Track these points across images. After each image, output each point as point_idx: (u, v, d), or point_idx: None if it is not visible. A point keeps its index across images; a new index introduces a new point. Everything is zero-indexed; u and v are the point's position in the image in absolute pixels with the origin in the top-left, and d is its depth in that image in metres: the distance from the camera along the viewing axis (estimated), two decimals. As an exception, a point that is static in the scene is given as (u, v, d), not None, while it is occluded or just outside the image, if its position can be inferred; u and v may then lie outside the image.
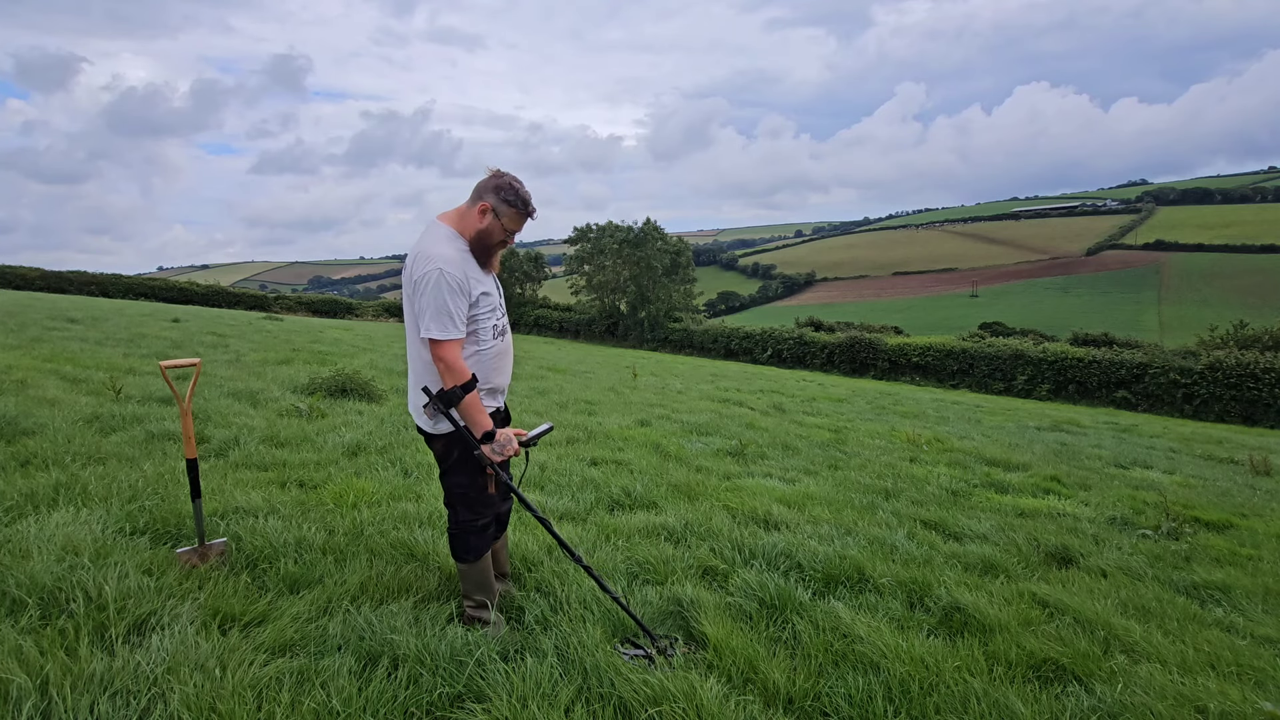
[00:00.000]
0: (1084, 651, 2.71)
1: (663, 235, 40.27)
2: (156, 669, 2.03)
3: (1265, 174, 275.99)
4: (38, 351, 8.14)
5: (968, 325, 44.39)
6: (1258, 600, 3.54)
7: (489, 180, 2.45)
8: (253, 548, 3.01)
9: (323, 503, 3.75)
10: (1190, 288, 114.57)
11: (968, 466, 6.81)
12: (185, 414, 2.85)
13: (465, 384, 2.33)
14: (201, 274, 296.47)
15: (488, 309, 2.48)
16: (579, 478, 4.82)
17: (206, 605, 2.46)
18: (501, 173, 2.48)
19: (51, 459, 3.89)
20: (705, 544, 3.67)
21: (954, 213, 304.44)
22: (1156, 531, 4.74)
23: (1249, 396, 19.40)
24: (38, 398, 5.47)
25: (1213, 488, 6.84)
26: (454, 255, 2.37)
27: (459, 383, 2.32)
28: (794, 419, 9.69)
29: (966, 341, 26.18)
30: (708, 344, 34.78)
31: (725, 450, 6.56)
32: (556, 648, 2.43)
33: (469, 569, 2.59)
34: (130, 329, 12.32)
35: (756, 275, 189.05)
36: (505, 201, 2.43)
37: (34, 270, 34.10)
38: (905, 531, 4.20)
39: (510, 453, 2.40)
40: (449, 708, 2.12)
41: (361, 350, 13.42)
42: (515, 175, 2.49)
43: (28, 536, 2.80)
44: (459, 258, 2.38)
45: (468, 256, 2.44)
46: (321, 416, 6.04)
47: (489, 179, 2.46)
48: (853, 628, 2.73)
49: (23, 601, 2.34)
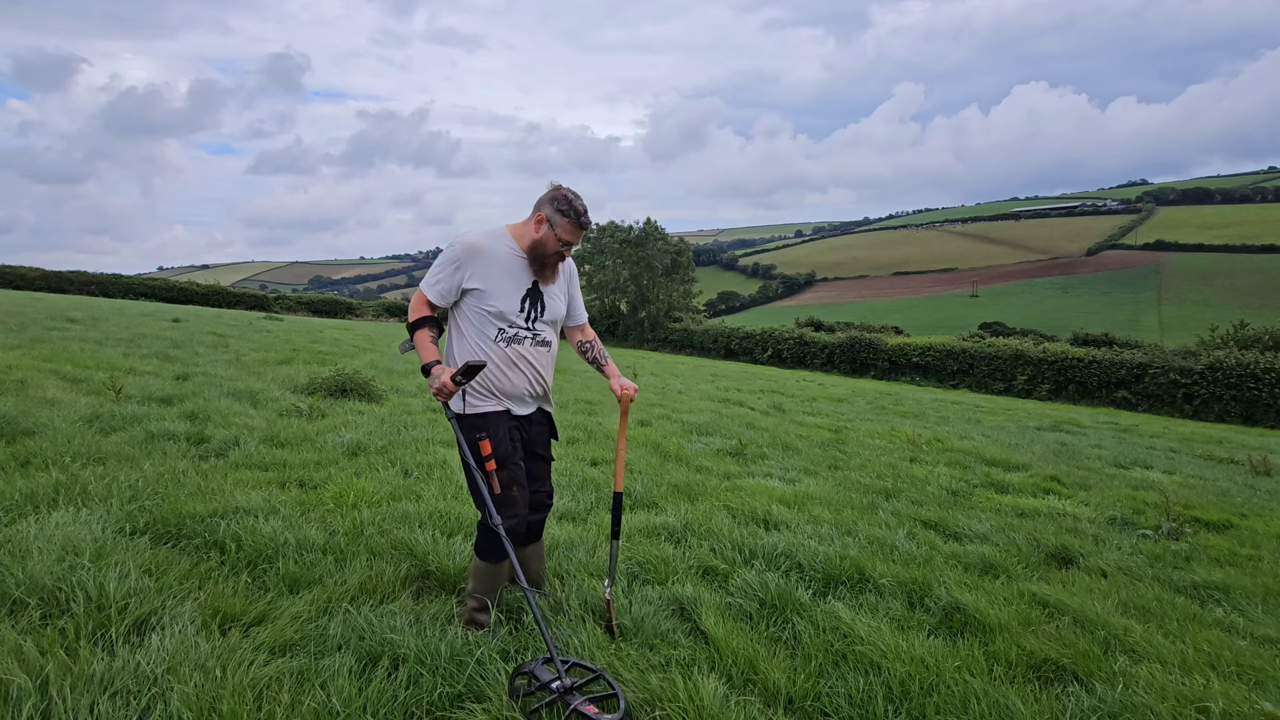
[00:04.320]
0: (1084, 652, 2.71)
1: (663, 235, 40.26)
2: (156, 669, 2.03)
3: (1265, 174, 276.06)
4: (38, 351, 8.14)
5: (968, 325, 44.40)
6: (1258, 600, 3.54)
7: (546, 194, 2.57)
8: (253, 548, 3.01)
9: (323, 503, 3.75)
10: (1190, 288, 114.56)
11: (968, 466, 6.81)
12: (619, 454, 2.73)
13: (411, 323, 2.56)
14: (202, 274, 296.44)
15: (492, 310, 2.53)
16: (579, 478, 4.82)
17: (206, 605, 2.46)
18: (559, 186, 2.58)
19: (51, 459, 3.88)
20: (705, 544, 3.67)
21: (954, 213, 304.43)
22: (1156, 531, 4.74)
23: (1249, 396, 19.40)
24: (38, 398, 5.47)
25: (1213, 488, 6.84)
26: (478, 241, 2.55)
27: (409, 319, 2.58)
28: (794, 419, 9.69)
29: (966, 341, 26.19)
30: (708, 344, 34.78)
31: (725, 450, 6.56)
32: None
33: (478, 565, 2.57)
34: (130, 329, 12.32)
35: (756, 275, 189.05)
36: (559, 212, 2.53)
37: (34, 270, 34.10)
38: (905, 531, 4.20)
39: (438, 387, 2.40)
40: (449, 708, 2.12)
41: (361, 350, 13.43)
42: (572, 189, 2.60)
43: (28, 536, 2.80)
44: (477, 243, 2.54)
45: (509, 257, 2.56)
46: (321, 416, 6.04)
47: (547, 192, 2.57)
48: (853, 628, 2.73)
49: (23, 601, 2.34)
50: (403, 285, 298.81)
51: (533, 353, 2.61)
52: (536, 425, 2.72)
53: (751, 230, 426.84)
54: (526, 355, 2.59)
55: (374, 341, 16.56)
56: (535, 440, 2.72)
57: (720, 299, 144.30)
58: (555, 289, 2.67)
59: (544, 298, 2.63)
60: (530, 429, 2.69)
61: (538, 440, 2.73)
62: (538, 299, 2.62)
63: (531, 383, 2.63)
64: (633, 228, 40.21)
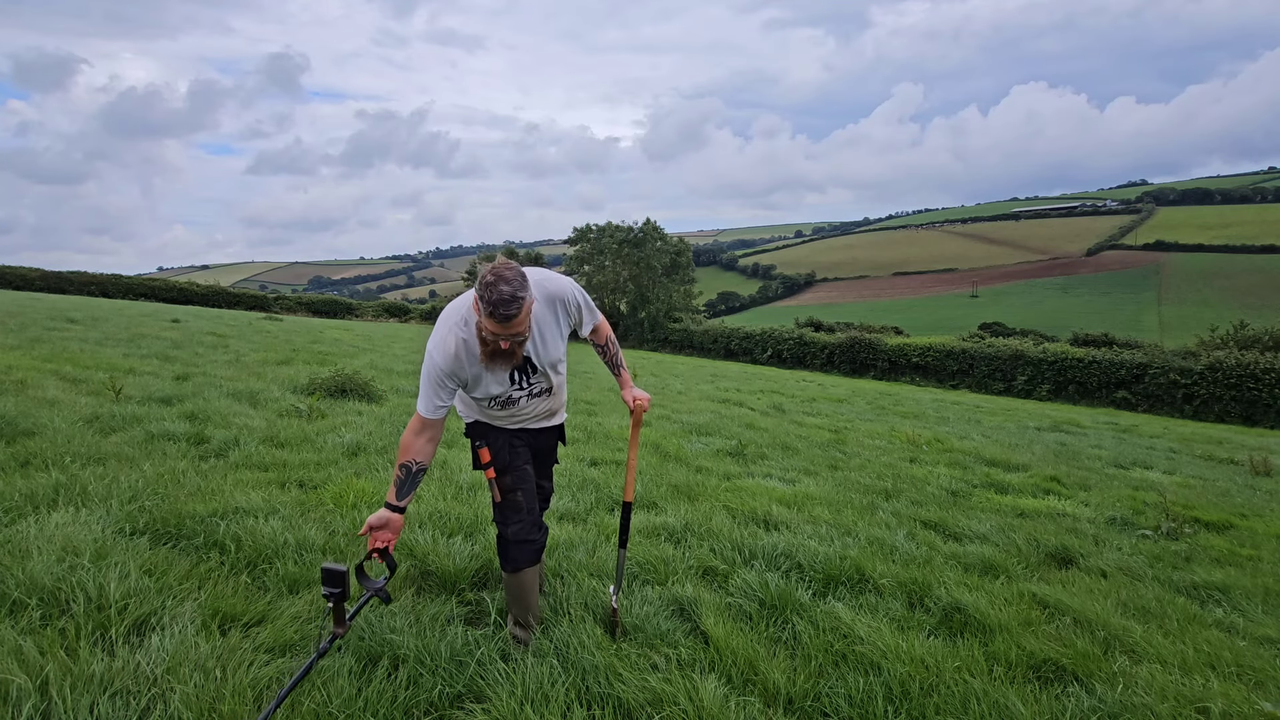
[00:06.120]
0: (1084, 652, 2.71)
1: (662, 235, 40.25)
2: (156, 669, 2.03)
3: (1265, 174, 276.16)
4: (38, 352, 8.14)
5: (968, 325, 44.40)
6: (1258, 600, 3.54)
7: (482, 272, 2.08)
8: (252, 548, 3.00)
9: (322, 503, 3.74)
10: (1190, 288, 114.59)
11: (968, 467, 6.81)
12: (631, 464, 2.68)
13: (401, 464, 2.28)
14: (201, 274, 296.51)
15: (481, 395, 2.38)
16: (579, 478, 4.82)
17: (206, 605, 2.46)
18: (498, 264, 2.06)
19: (51, 459, 3.88)
20: (705, 544, 3.67)
21: (954, 213, 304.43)
22: (1156, 532, 4.74)
23: (1249, 397, 19.39)
24: (38, 398, 5.47)
25: (1213, 488, 6.84)
26: (452, 347, 2.23)
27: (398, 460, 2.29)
28: (794, 419, 9.69)
29: (966, 342, 26.18)
30: (708, 344, 34.78)
31: (725, 450, 6.56)
32: (556, 648, 2.43)
33: (506, 579, 2.52)
34: (130, 329, 12.32)
35: (756, 275, 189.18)
36: (481, 299, 2.04)
37: (34, 270, 34.09)
38: (905, 532, 4.20)
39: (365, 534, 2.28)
40: (449, 708, 2.12)
41: (361, 350, 13.43)
42: (507, 263, 2.06)
43: (28, 537, 2.80)
44: (456, 350, 2.23)
45: (475, 343, 2.22)
46: (321, 417, 6.04)
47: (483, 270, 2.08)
48: (853, 628, 2.73)
49: (23, 602, 2.34)
50: (402, 285, 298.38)
51: (531, 405, 2.53)
52: (545, 432, 2.69)
53: (751, 230, 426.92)
54: (525, 409, 2.52)
55: (374, 342, 16.56)
56: (543, 445, 2.70)
57: (720, 299, 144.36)
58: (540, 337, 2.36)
59: (532, 358, 2.38)
60: (539, 435, 2.66)
61: (545, 444, 2.71)
62: (525, 363, 2.39)
63: (536, 419, 2.60)
64: (632, 228, 40.20)
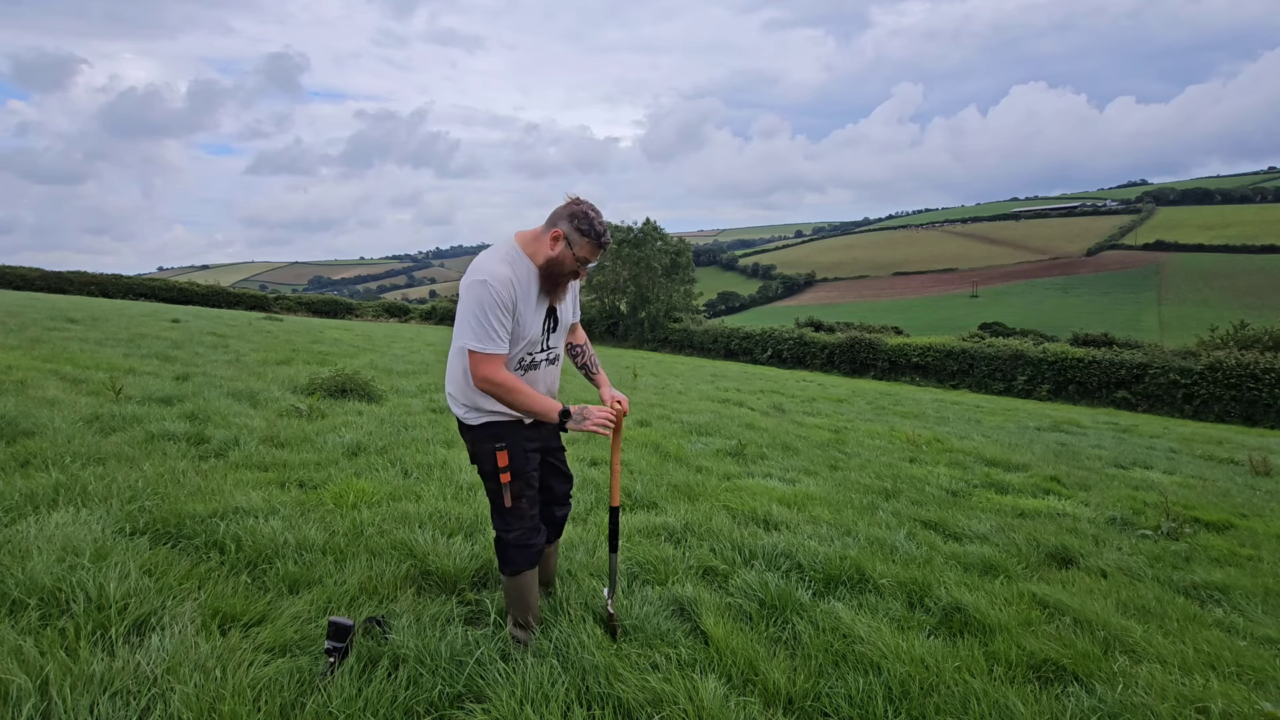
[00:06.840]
0: (1084, 652, 2.71)
1: (662, 235, 40.24)
2: (156, 669, 2.03)
3: (1265, 174, 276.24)
4: (38, 352, 8.14)
5: (968, 325, 44.39)
6: (1258, 600, 3.54)
7: (564, 207, 2.37)
8: (252, 548, 3.01)
9: (322, 503, 3.75)
10: (1190, 288, 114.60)
11: (967, 467, 6.81)
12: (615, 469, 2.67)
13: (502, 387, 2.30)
14: (202, 274, 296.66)
15: (523, 342, 2.40)
16: (579, 478, 4.82)
17: (206, 605, 2.46)
18: (579, 200, 2.40)
19: (51, 459, 3.89)
20: (705, 544, 3.67)
21: (954, 213, 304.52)
22: (1156, 532, 4.74)
23: (1249, 397, 19.40)
24: (38, 398, 5.47)
25: (1213, 488, 6.84)
26: (506, 273, 2.29)
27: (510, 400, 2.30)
28: (794, 419, 9.69)
29: (966, 342, 26.18)
30: (708, 344, 34.78)
31: (725, 450, 6.56)
32: (556, 648, 2.43)
33: (505, 581, 2.51)
34: (130, 329, 12.32)
35: (756, 275, 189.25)
36: (579, 230, 2.34)
37: (34, 270, 34.11)
38: (905, 532, 4.20)
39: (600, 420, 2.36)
40: (449, 708, 2.12)
41: (361, 350, 13.44)
42: (593, 204, 2.40)
43: (28, 537, 2.80)
44: (511, 276, 2.30)
45: (526, 278, 2.34)
46: (321, 417, 6.04)
47: (564, 206, 2.38)
48: (853, 628, 2.73)
49: (23, 601, 2.34)
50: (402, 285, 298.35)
51: (546, 373, 2.55)
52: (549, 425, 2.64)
53: (751, 230, 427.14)
54: (541, 377, 2.53)
55: (374, 342, 16.56)
56: (549, 439, 2.67)
57: (720, 299, 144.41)
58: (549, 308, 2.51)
59: (557, 312, 2.51)
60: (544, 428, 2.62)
61: (551, 439, 2.68)
62: (552, 315, 2.50)
63: None
64: (632, 228, 40.20)
